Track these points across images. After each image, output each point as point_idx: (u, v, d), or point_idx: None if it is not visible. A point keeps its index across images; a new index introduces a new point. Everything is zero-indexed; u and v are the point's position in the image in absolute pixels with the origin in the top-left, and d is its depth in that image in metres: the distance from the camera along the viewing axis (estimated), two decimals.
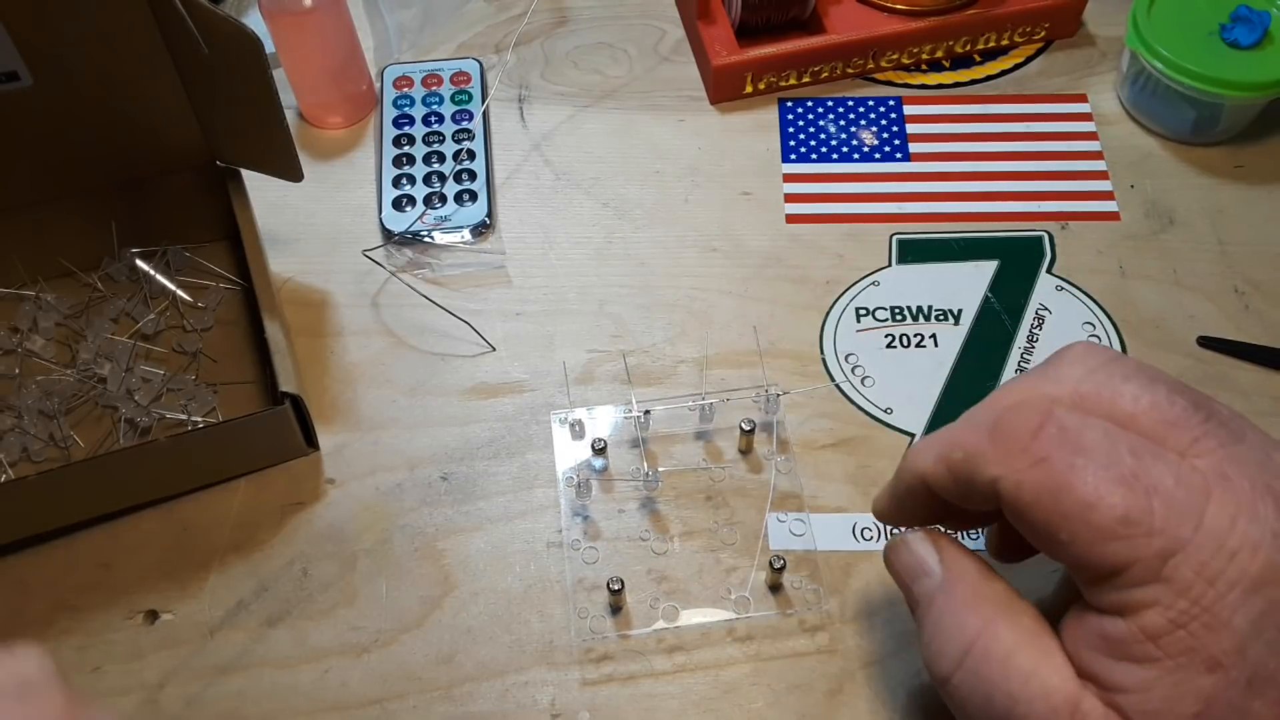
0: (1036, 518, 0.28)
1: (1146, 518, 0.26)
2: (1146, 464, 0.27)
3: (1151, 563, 0.26)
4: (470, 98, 0.59)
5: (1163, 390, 0.29)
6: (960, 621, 0.31)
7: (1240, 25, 0.55)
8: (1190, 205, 0.56)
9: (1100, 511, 0.27)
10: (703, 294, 0.53)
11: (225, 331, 0.51)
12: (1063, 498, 0.27)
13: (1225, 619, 0.26)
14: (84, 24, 0.43)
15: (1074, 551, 0.28)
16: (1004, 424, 0.29)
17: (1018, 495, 0.28)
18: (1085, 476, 0.27)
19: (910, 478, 0.33)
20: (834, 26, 0.59)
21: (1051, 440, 0.28)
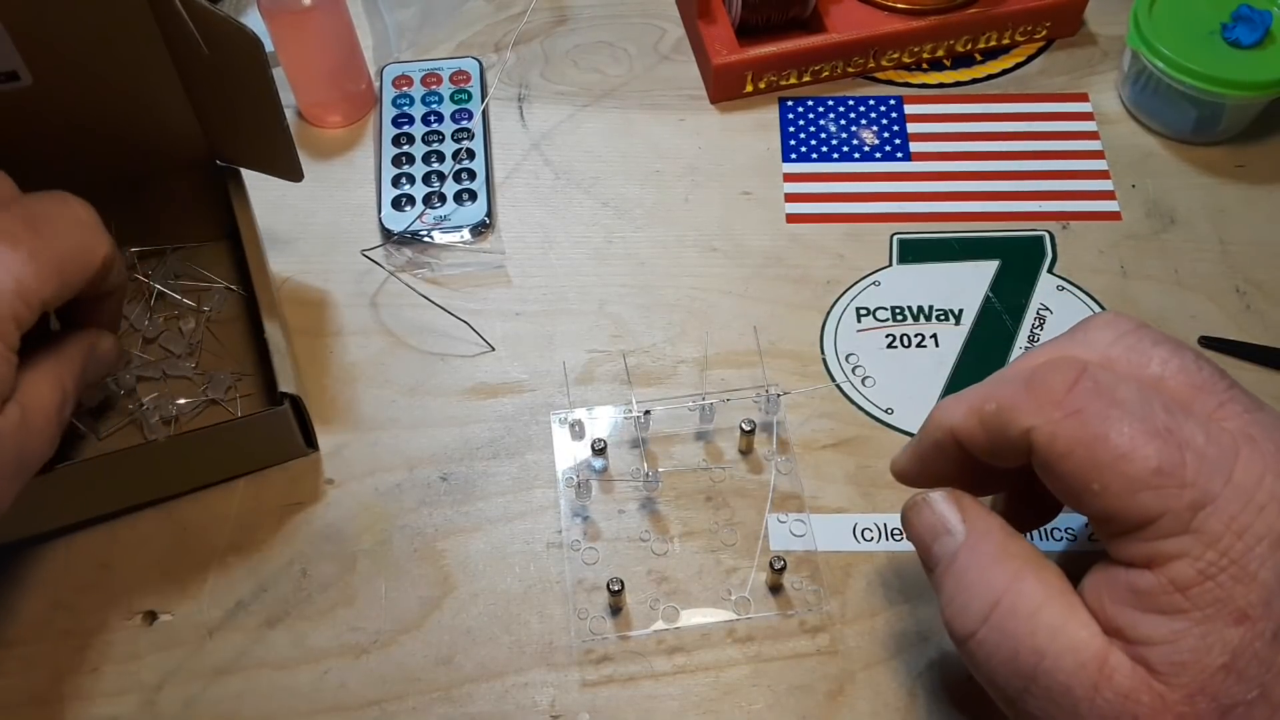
0: (1069, 468, 0.28)
1: (1179, 470, 0.27)
2: (1179, 420, 0.28)
3: (1182, 514, 0.27)
4: (470, 97, 0.59)
5: (1190, 356, 0.30)
6: (987, 577, 0.31)
7: (1241, 25, 0.55)
8: (1191, 205, 0.55)
9: (1134, 462, 0.27)
10: (703, 294, 0.53)
11: (224, 331, 0.51)
12: (1097, 448, 0.28)
13: (1253, 572, 0.26)
14: (84, 24, 0.43)
15: (1105, 502, 0.28)
16: (1039, 378, 0.30)
17: (1051, 446, 0.29)
18: (1121, 428, 0.28)
19: (939, 432, 0.33)
20: (834, 25, 0.59)
21: (1087, 394, 0.29)
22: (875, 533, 0.45)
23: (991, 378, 0.33)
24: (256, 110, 0.46)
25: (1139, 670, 0.27)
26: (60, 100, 0.45)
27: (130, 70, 0.46)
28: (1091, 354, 0.31)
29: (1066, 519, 0.46)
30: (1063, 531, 0.45)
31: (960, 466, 0.33)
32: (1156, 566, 0.27)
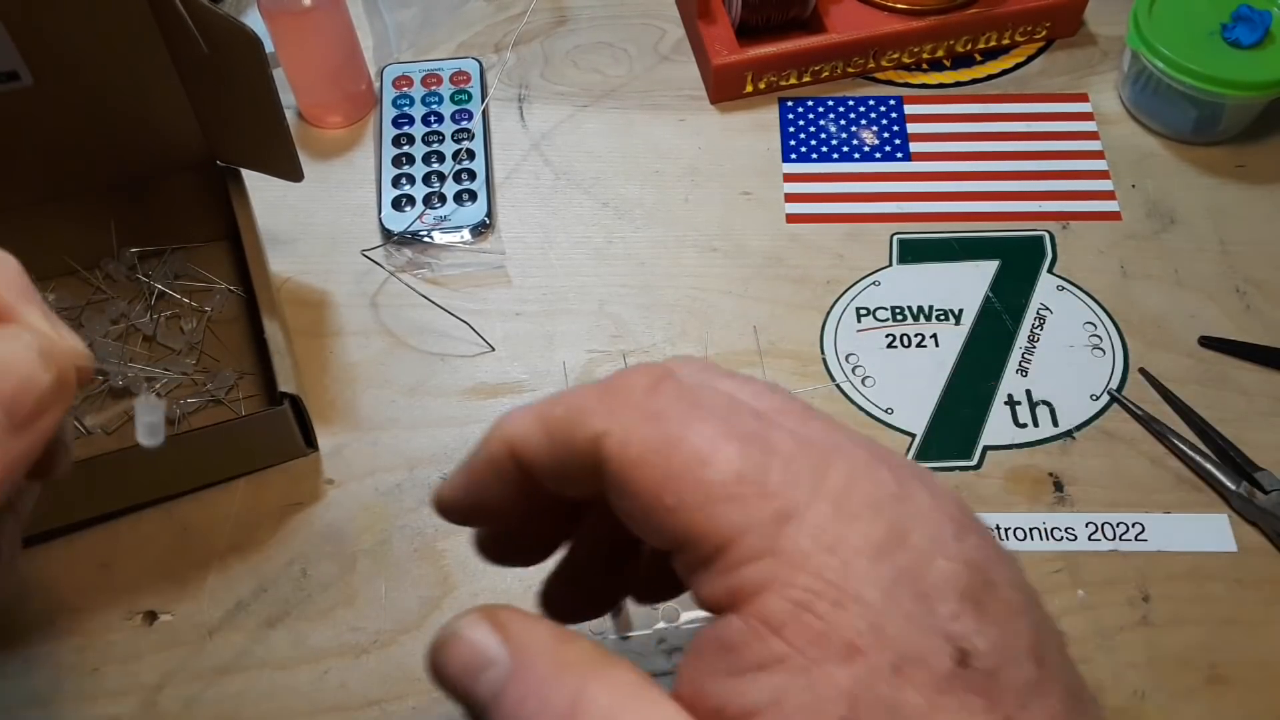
0: (642, 481, 0.23)
1: (762, 474, 0.22)
2: (768, 426, 0.24)
3: (766, 529, 0.22)
4: (470, 97, 0.59)
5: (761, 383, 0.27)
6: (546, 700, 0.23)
7: (1241, 25, 0.55)
8: (1191, 205, 0.55)
9: (714, 467, 0.23)
10: (703, 294, 0.53)
11: (224, 331, 0.51)
12: (674, 454, 0.23)
13: (854, 592, 0.21)
14: (84, 24, 0.43)
15: (681, 520, 0.23)
16: (617, 381, 0.25)
17: (624, 453, 0.23)
18: (702, 429, 0.23)
19: (496, 445, 0.26)
20: (834, 26, 0.59)
21: (669, 395, 0.24)
22: None
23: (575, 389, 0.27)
24: (256, 110, 0.46)
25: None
26: (60, 100, 0.45)
27: (130, 70, 0.46)
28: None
29: (1068, 517, 0.46)
30: (1063, 531, 0.45)
31: (519, 496, 0.27)
32: (744, 604, 0.22)
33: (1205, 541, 0.45)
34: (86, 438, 0.48)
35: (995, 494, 0.47)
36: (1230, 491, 0.46)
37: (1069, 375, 0.50)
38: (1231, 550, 0.45)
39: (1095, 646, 0.43)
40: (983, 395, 0.49)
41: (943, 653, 0.21)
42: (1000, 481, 0.47)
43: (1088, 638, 0.43)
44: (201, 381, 0.49)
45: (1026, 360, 0.50)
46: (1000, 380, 0.50)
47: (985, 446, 0.48)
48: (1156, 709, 0.41)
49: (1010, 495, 0.47)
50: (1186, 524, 0.46)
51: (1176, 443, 0.47)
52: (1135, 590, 0.44)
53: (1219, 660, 0.42)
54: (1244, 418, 0.48)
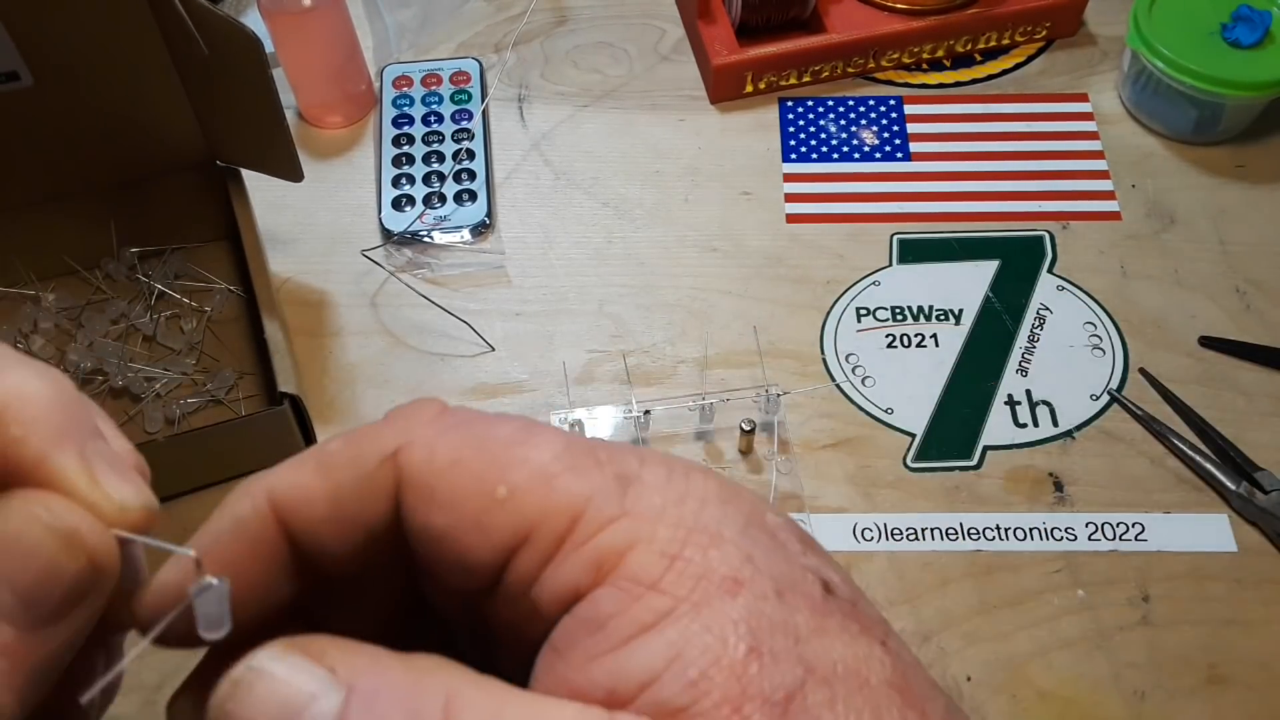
0: (458, 483, 0.20)
1: (589, 449, 0.21)
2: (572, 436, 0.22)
3: (611, 492, 0.20)
4: (470, 97, 0.59)
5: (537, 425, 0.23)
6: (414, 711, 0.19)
7: (1241, 25, 0.55)
8: (1191, 205, 0.55)
9: (539, 447, 0.21)
10: (703, 294, 0.53)
11: (224, 331, 0.51)
12: (490, 444, 0.21)
13: (715, 533, 0.20)
14: (84, 24, 0.43)
15: (518, 507, 0.20)
16: (399, 408, 0.22)
17: (430, 461, 0.20)
18: (511, 423, 0.21)
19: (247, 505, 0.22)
20: (834, 26, 0.59)
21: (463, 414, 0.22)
22: (875, 533, 0.45)
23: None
24: (256, 110, 0.46)
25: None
26: (60, 100, 0.45)
27: (130, 70, 0.46)
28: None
29: (1068, 517, 0.46)
30: (1063, 531, 0.45)
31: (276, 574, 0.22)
32: (611, 572, 0.20)
33: (1205, 541, 0.45)
34: None
35: (995, 494, 0.47)
36: (1230, 491, 0.46)
37: (1069, 375, 0.50)
38: (1231, 550, 0.45)
39: (1095, 646, 0.43)
40: (983, 395, 0.49)
41: (810, 581, 0.21)
42: (1000, 481, 0.47)
43: (1088, 638, 0.43)
44: (201, 381, 0.49)
45: (1026, 360, 0.50)
46: (1000, 380, 0.50)
47: (985, 446, 0.48)
48: (1156, 709, 0.41)
49: (1010, 495, 0.47)
50: (1186, 524, 0.46)
51: (1176, 443, 0.47)
52: (1135, 590, 0.44)
53: (1219, 660, 0.42)
54: (1244, 418, 0.48)
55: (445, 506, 0.20)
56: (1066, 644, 0.43)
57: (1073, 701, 0.42)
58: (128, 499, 0.21)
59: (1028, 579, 0.44)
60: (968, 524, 0.46)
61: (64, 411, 0.21)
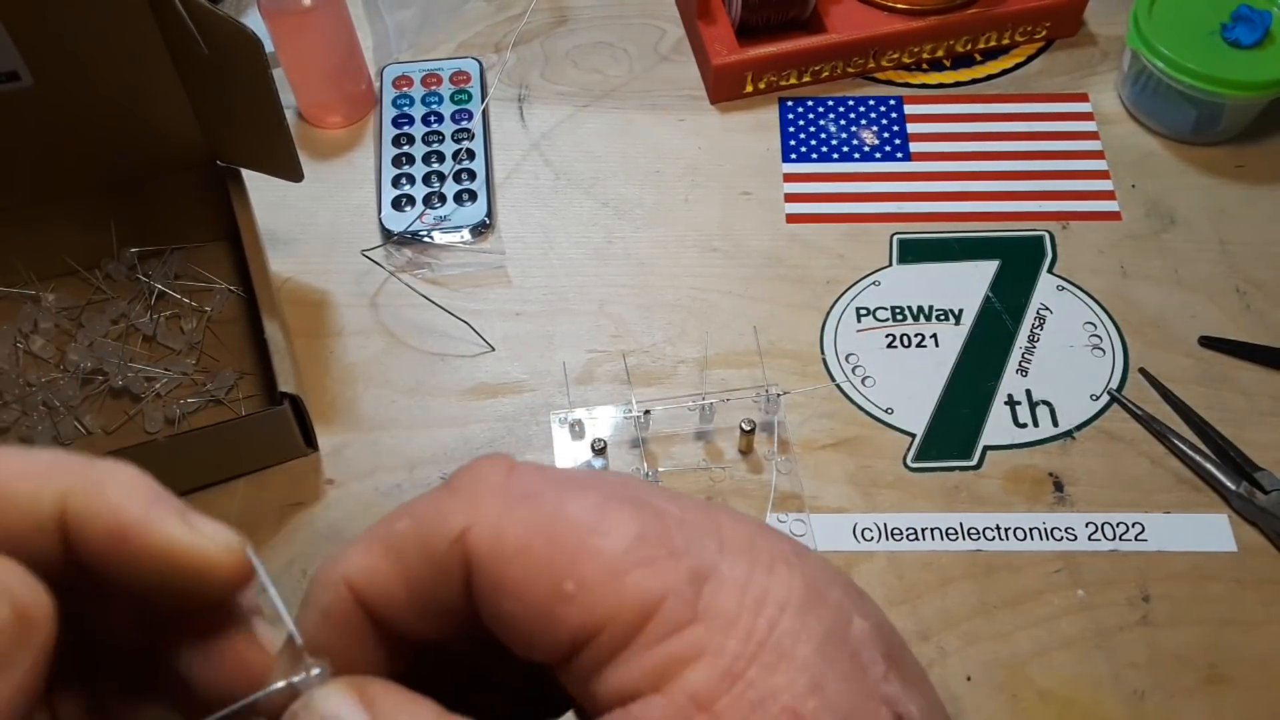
0: (526, 572, 0.19)
1: (665, 535, 0.20)
2: (643, 492, 0.21)
3: (685, 593, 0.19)
4: (470, 97, 0.59)
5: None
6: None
7: (1241, 25, 0.55)
8: (1191, 205, 0.55)
9: (610, 535, 0.19)
10: (703, 294, 0.53)
11: (224, 331, 0.51)
12: (559, 530, 0.20)
13: (787, 649, 0.19)
14: (84, 24, 0.43)
15: (584, 604, 0.19)
16: (464, 473, 0.21)
17: (498, 546, 0.20)
18: (582, 498, 0.20)
19: (330, 593, 0.21)
20: (834, 26, 0.59)
21: (529, 475, 0.21)
22: (875, 533, 0.45)
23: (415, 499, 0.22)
24: (256, 110, 0.46)
25: None
26: (60, 100, 0.45)
27: (130, 70, 0.46)
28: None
29: (1068, 517, 0.46)
30: (1063, 531, 0.45)
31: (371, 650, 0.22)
32: (669, 682, 0.18)
33: (1205, 541, 0.45)
34: (86, 438, 0.48)
35: (995, 494, 0.47)
36: (1230, 491, 0.46)
37: (1069, 375, 0.50)
38: (1231, 550, 0.45)
39: (1095, 646, 0.43)
40: (983, 395, 0.49)
41: (883, 715, 0.19)
42: (1000, 481, 0.47)
43: (1088, 638, 0.43)
44: (201, 381, 0.49)
45: (1026, 360, 0.50)
46: (1000, 380, 0.50)
47: (985, 446, 0.48)
48: (1156, 709, 0.41)
49: (1010, 495, 0.47)
50: (1186, 524, 0.46)
51: (1176, 443, 0.47)
52: (1135, 590, 0.44)
53: (1219, 660, 0.42)
54: (1244, 418, 0.48)
55: (512, 596, 0.19)
56: (1066, 644, 0.43)
57: (1073, 701, 0.42)
58: (230, 540, 0.21)
59: (1028, 579, 0.44)
60: (968, 524, 0.46)
61: (150, 483, 0.21)
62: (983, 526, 0.46)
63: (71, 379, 0.49)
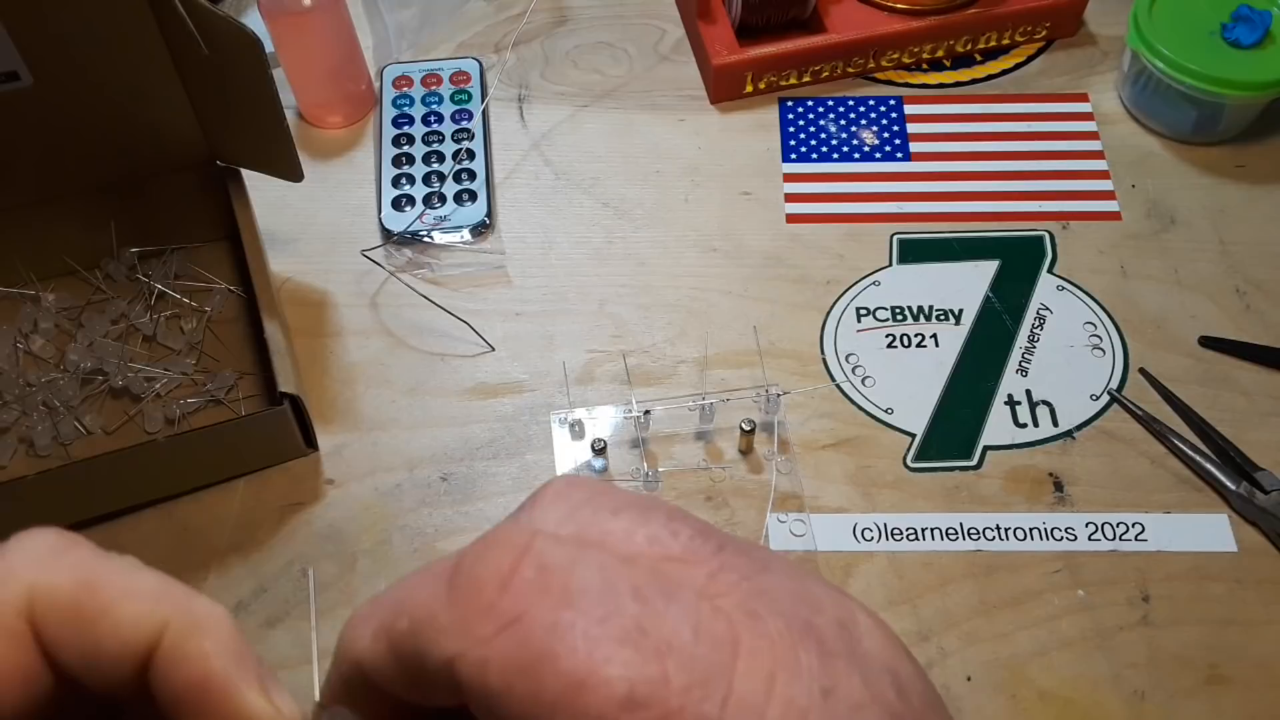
0: (513, 710, 0.19)
1: (660, 691, 0.18)
2: (656, 609, 0.19)
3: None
4: (470, 97, 0.59)
5: (660, 520, 0.22)
6: None
7: (1241, 25, 0.55)
8: (1191, 205, 0.55)
9: (596, 691, 0.18)
10: (703, 294, 0.53)
11: (224, 331, 0.51)
12: (545, 677, 0.19)
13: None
14: (84, 24, 0.43)
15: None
16: (465, 570, 0.20)
17: (484, 682, 0.19)
18: (573, 639, 0.19)
19: (346, 666, 0.23)
20: (834, 26, 0.59)
21: (528, 589, 0.20)
22: (875, 533, 0.45)
23: (423, 569, 0.22)
24: (256, 110, 0.46)
25: None
26: (60, 100, 0.45)
27: (130, 70, 0.46)
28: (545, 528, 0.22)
29: (1068, 517, 0.46)
30: (1063, 531, 0.45)
31: (382, 706, 0.23)
32: None
33: (1205, 541, 0.45)
34: (86, 438, 0.48)
35: (995, 494, 0.47)
36: (1230, 491, 0.46)
37: (1069, 375, 0.50)
38: (1231, 550, 0.45)
39: (1095, 646, 0.43)
40: (983, 395, 0.49)
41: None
42: (1000, 481, 0.47)
43: (1088, 638, 0.43)
44: (201, 381, 0.49)
45: (1026, 360, 0.50)
46: (1000, 380, 0.50)
47: (985, 446, 0.48)
48: (1156, 709, 0.41)
49: (1010, 495, 0.47)
50: (1186, 524, 0.46)
51: (1176, 443, 0.47)
52: (1135, 590, 0.44)
53: (1219, 660, 0.42)
54: (1244, 418, 0.48)
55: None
56: (1066, 644, 0.43)
57: (1073, 701, 0.42)
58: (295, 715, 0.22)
59: (1028, 579, 0.44)
60: (968, 524, 0.46)
61: (240, 638, 0.21)
62: (983, 526, 0.46)
63: (71, 379, 0.49)
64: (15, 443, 0.48)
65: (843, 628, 0.21)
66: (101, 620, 0.20)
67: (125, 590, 0.21)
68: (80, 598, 0.20)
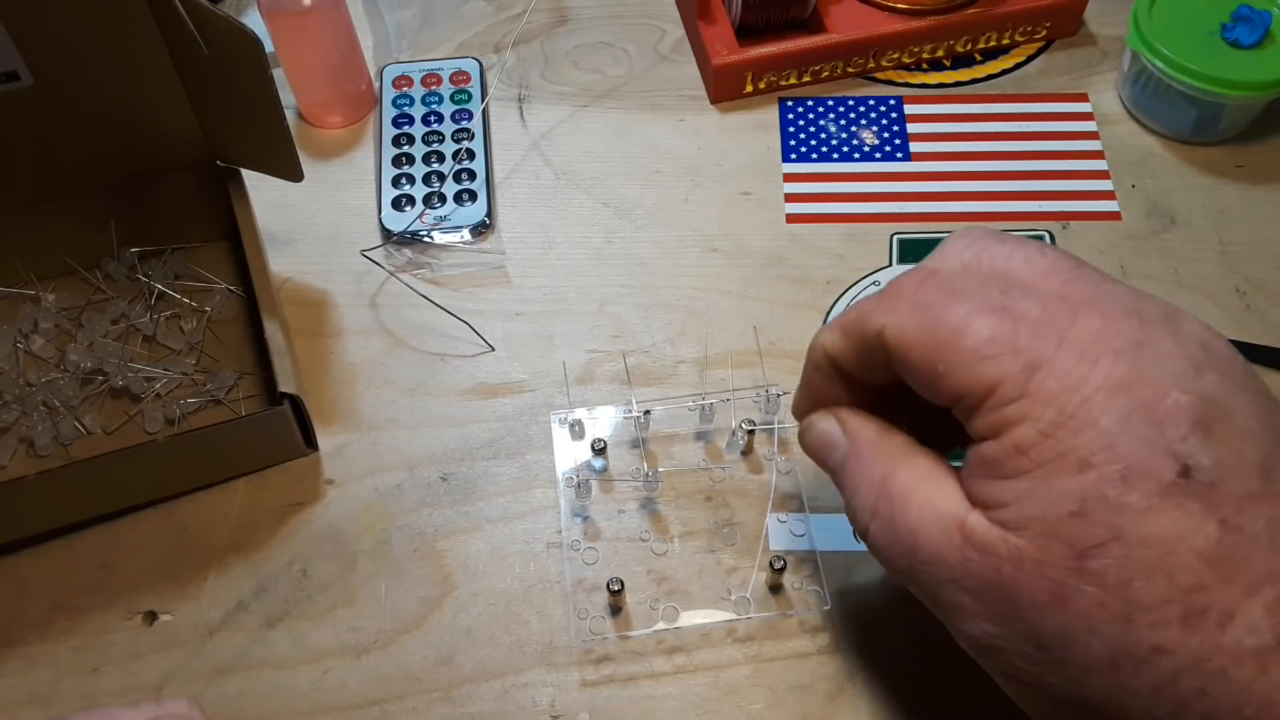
0: (917, 356, 0.30)
1: (1011, 337, 0.29)
2: (1015, 298, 0.30)
3: (1018, 378, 0.28)
4: (470, 97, 0.59)
5: (1034, 247, 0.32)
6: (867, 474, 0.34)
7: (1241, 25, 0.55)
8: (1191, 205, 0.55)
9: (969, 336, 0.29)
10: (703, 294, 0.53)
11: (224, 331, 0.51)
12: (938, 331, 0.30)
13: (1092, 419, 0.27)
14: (84, 24, 0.43)
15: (951, 380, 0.30)
16: (891, 286, 0.32)
17: (900, 338, 0.31)
18: (956, 310, 0.30)
19: (816, 354, 0.36)
20: (834, 26, 0.59)
21: (931, 289, 0.31)
22: None
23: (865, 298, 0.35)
24: (256, 110, 0.46)
25: (994, 528, 0.29)
26: (60, 100, 0.46)
27: (130, 70, 0.46)
28: (946, 264, 0.33)
29: None
30: None
31: (843, 388, 0.36)
32: (1002, 433, 0.29)
33: None
34: (87, 438, 0.48)
35: None
36: None
37: None
38: None
39: None
40: None
41: (1167, 467, 0.27)
42: None
43: None
44: (201, 381, 0.49)
45: None
46: None
47: None
48: None
49: None
50: None
51: None
52: None
53: None
54: None
55: (910, 370, 0.31)
56: None
57: None
58: None
59: None
60: None
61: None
62: None
63: (71, 379, 0.49)
64: (15, 443, 0.48)
65: (1167, 316, 0.30)
66: None
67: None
68: None
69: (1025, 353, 0.28)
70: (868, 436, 0.35)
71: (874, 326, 0.32)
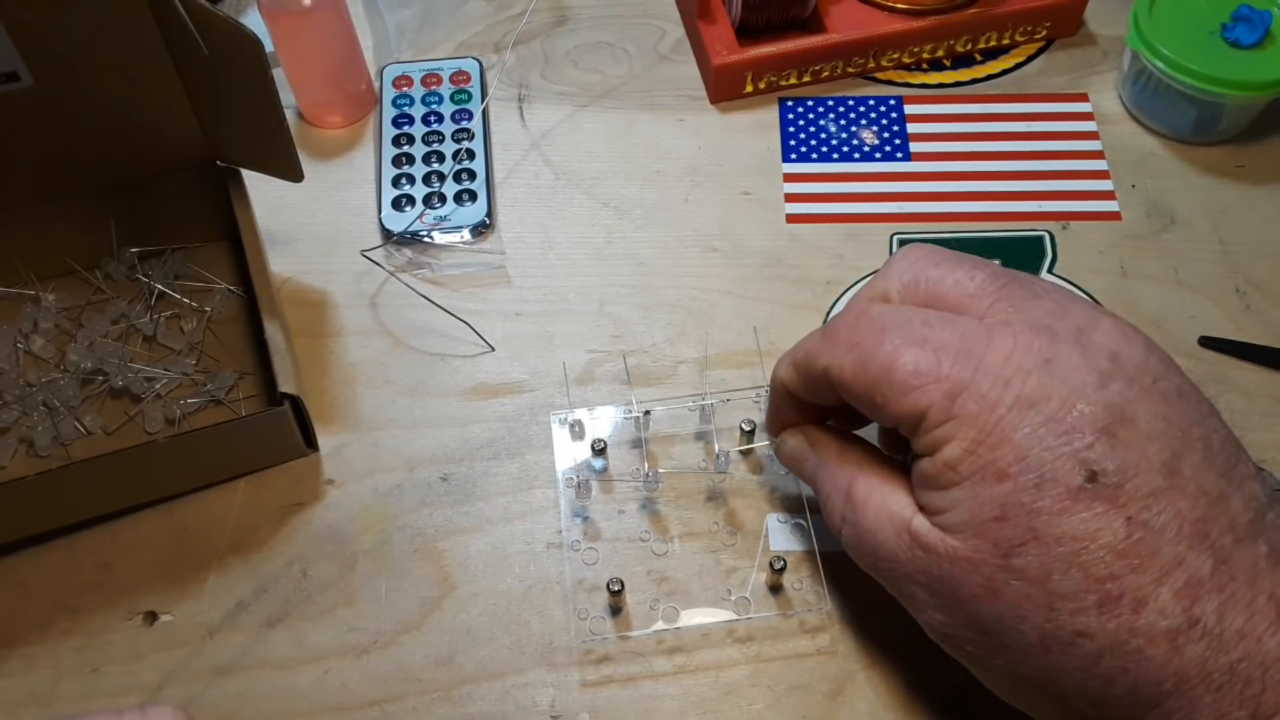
0: (858, 390, 0.35)
1: (934, 367, 0.32)
2: (936, 330, 0.33)
3: (942, 404, 0.32)
4: (470, 97, 0.59)
5: (965, 269, 0.35)
6: (835, 483, 0.38)
7: (1241, 25, 0.55)
8: (1191, 205, 0.55)
9: (896, 370, 0.33)
10: (703, 294, 0.53)
11: (224, 331, 0.51)
12: (870, 367, 0.34)
13: (1007, 435, 0.31)
14: (84, 24, 0.43)
15: (889, 410, 0.34)
16: (831, 326, 0.37)
17: (841, 375, 0.35)
18: (885, 346, 0.34)
19: (776, 385, 0.40)
20: (834, 26, 0.59)
21: (863, 329, 0.35)
22: None
23: (813, 331, 0.39)
24: (256, 110, 0.46)
25: (934, 530, 0.33)
26: (60, 100, 0.46)
27: (130, 70, 0.46)
28: (889, 285, 0.37)
29: None
30: None
31: (803, 410, 0.41)
32: (935, 451, 0.33)
33: None
34: (87, 438, 0.48)
35: None
36: None
37: None
38: None
39: None
40: None
41: (1075, 472, 0.30)
42: None
43: None
44: (201, 382, 0.49)
45: None
46: None
47: None
48: None
49: None
50: None
51: None
52: None
53: None
54: (1244, 418, 0.48)
55: (855, 401, 0.35)
56: None
57: None
58: None
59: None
60: None
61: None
62: None
63: (71, 379, 0.49)
64: (15, 443, 0.48)
65: (1079, 329, 0.33)
66: None
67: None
68: None
69: (947, 380, 0.32)
70: (831, 451, 0.39)
71: (819, 366, 0.36)
